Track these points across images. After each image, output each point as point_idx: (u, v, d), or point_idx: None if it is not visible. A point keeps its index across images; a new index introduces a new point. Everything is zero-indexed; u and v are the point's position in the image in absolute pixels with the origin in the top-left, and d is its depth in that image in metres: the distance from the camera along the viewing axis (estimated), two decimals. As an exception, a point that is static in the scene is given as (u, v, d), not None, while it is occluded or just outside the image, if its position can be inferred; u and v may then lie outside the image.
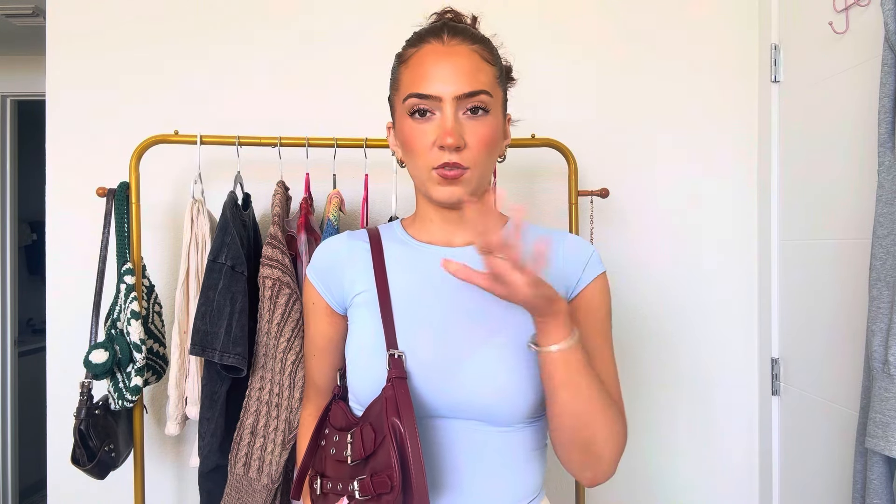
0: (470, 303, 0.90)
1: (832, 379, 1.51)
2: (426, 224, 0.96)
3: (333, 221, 1.48)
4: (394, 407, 0.81)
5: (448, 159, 0.85)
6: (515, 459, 0.88)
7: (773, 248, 1.76)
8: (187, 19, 1.76)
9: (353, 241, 0.98)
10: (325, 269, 0.97)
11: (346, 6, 1.79)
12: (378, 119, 1.73)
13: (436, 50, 0.87)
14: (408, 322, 0.89)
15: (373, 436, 0.82)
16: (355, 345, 0.92)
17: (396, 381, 0.83)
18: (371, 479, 0.81)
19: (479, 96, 0.86)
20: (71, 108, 1.74)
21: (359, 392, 0.89)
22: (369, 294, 0.92)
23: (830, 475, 1.51)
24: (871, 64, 1.35)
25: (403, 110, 0.89)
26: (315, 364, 1.02)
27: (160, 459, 1.73)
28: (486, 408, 0.85)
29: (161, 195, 1.73)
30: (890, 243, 1.16)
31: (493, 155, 0.90)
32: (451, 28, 0.89)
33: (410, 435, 0.78)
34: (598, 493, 1.79)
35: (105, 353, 1.38)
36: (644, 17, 1.83)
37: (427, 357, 0.87)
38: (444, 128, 0.85)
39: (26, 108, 3.34)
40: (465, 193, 0.88)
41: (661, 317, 1.83)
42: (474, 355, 0.86)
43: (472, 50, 0.88)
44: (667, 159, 1.83)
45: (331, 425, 0.93)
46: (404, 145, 0.90)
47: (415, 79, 0.87)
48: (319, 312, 0.98)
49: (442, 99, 0.85)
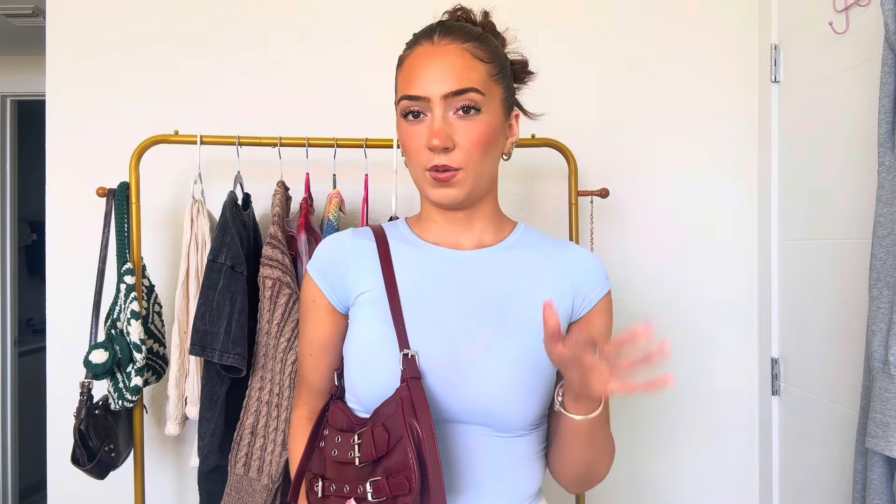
0: (481, 306, 0.89)
1: (832, 379, 1.51)
2: (430, 224, 0.95)
3: (333, 221, 1.48)
4: (410, 407, 0.79)
5: (437, 161, 0.84)
6: (517, 464, 0.88)
7: (773, 248, 1.76)
8: (187, 19, 1.76)
9: (358, 239, 0.96)
10: (328, 266, 0.95)
11: (346, 6, 1.79)
12: (378, 119, 1.74)
13: (425, 51, 0.87)
14: (418, 323, 0.87)
15: (386, 437, 0.80)
16: (359, 344, 0.90)
17: (412, 381, 0.81)
18: (387, 481, 0.79)
19: (468, 94, 0.84)
20: (71, 108, 1.74)
21: (363, 392, 0.88)
22: (375, 293, 0.91)
23: (830, 475, 1.51)
24: (871, 64, 1.35)
25: (399, 112, 0.89)
26: (312, 364, 0.99)
27: (160, 459, 1.73)
28: (492, 414, 0.85)
29: (161, 195, 1.73)
30: (890, 243, 1.16)
31: (490, 154, 0.88)
32: (444, 28, 0.89)
33: (428, 436, 0.77)
34: (598, 494, 1.79)
35: (105, 353, 1.38)
36: (644, 17, 1.83)
37: (438, 359, 0.85)
38: (432, 129, 0.84)
39: (26, 108, 3.34)
40: (459, 195, 0.87)
41: (660, 317, 1.83)
42: (484, 360, 0.85)
43: (463, 49, 0.86)
44: (667, 159, 1.83)
45: (330, 426, 0.91)
46: (402, 147, 0.90)
47: (405, 81, 0.88)
48: (320, 311, 0.96)
49: (430, 99, 0.85)
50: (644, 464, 1.83)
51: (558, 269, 0.93)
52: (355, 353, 0.90)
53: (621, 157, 1.82)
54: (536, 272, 0.93)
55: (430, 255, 0.93)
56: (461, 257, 0.92)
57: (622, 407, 1.80)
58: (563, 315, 0.92)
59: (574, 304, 0.93)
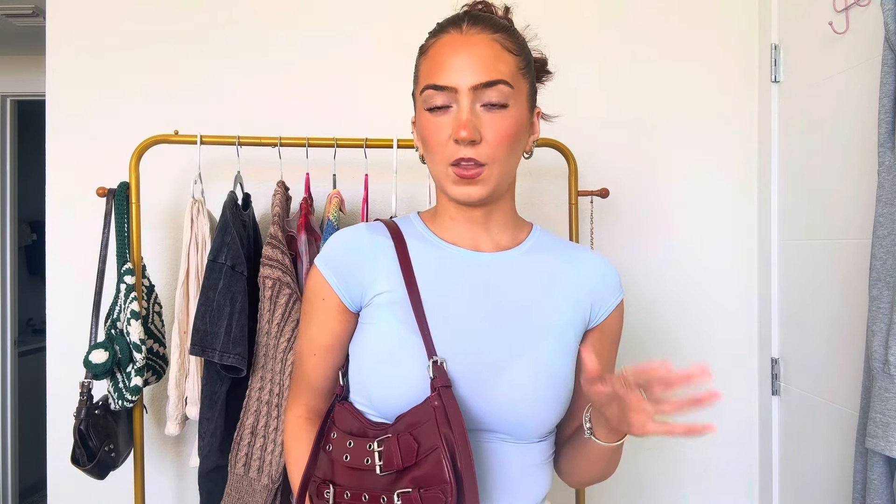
0: (504, 313, 0.87)
1: (832, 379, 1.51)
2: (447, 221, 0.91)
3: (333, 221, 1.48)
4: (444, 418, 0.76)
5: (463, 154, 0.81)
6: (529, 470, 0.88)
7: (773, 248, 1.76)
8: (187, 19, 1.76)
9: (374, 236, 0.90)
10: (343, 263, 0.89)
11: (346, 6, 1.79)
12: (378, 119, 1.74)
13: (454, 40, 0.83)
14: (442, 328, 0.84)
15: (415, 447, 0.76)
16: (378, 348, 0.86)
17: (443, 390, 0.78)
18: (420, 494, 0.75)
19: (498, 86, 0.81)
20: (71, 108, 1.74)
21: (382, 397, 0.83)
22: (394, 295, 0.86)
23: (830, 475, 1.51)
24: (871, 64, 1.35)
25: (421, 103, 0.85)
26: (314, 363, 0.93)
27: (160, 459, 1.73)
28: (516, 423, 0.84)
29: (161, 195, 1.73)
30: (890, 243, 1.16)
31: (515, 151, 0.85)
32: (472, 17, 0.85)
33: (463, 449, 0.74)
34: (598, 493, 1.79)
35: (105, 353, 1.38)
36: (644, 17, 1.83)
37: (463, 367, 0.83)
38: (459, 120, 0.80)
39: (26, 108, 3.34)
40: (483, 192, 0.83)
41: (660, 317, 1.83)
42: (509, 369, 0.84)
43: (493, 39, 0.83)
44: (667, 159, 1.83)
45: (338, 428, 0.86)
46: (422, 140, 0.86)
47: (431, 70, 0.84)
48: (330, 309, 0.90)
49: (458, 90, 0.81)
50: (644, 463, 1.83)
51: (576, 276, 0.93)
52: (373, 357, 0.86)
53: (621, 157, 1.82)
54: (555, 279, 0.91)
55: (450, 257, 0.89)
56: (481, 261, 0.90)
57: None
58: (580, 323, 0.92)
59: (592, 312, 0.93)
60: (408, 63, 1.75)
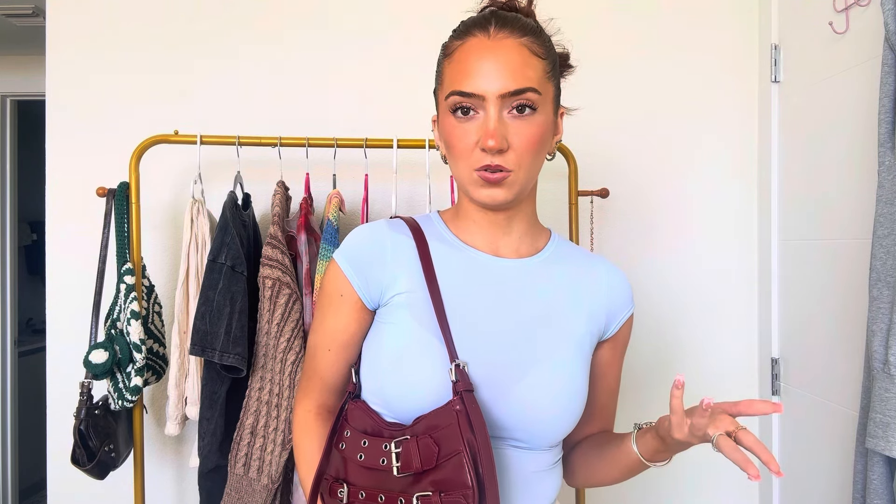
0: (524, 320, 0.87)
1: (832, 379, 1.51)
2: (469, 223, 0.90)
3: (333, 221, 1.48)
4: (467, 422, 0.75)
5: (490, 161, 0.80)
6: (539, 475, 0.88)
7: (773, 248, 1.76)
8: (187, 20, 1.76)
9: (396, 234, 0.89)
10: (366, 260, 0.87)
11: (346, 6, 1.79)
12: (378, 119, 1.74)
13: (481, 44, 0.81)
14: (463, 333, 0.83)
15: (436, 450, 0.76)
16: (396, 348, 0.84)
17: (466, 394, 0.77)
18: (440, 497, 0.75)
19: (526, 94, 0.80)
20: (71, 108, 1.74)
21: (399, 399, 0.82)
22: (415, 296, 0.85)
23: (830, 475, 1.51)
24: (871, 64, 1.35)
25: (446, 107, 0.84)
26: (329, 359, 0.92)
27: (160, 459, 1.73)
28: (533, 431, 0.84)
29: (161, 195, 1.73)
30: (890, 243, 1.16)
31: (541, 155, 0.84)
32: (499, 19, 0.83)
33: (486, 454, 0.74)
34: (598, 494, 1.79)
35: (105, 353, 1.38)
36: (644, 17, 1.83)
37: (484, 373, 0.82)
38: (487, 129, 0.79)
39: (26, 108, 3.34)
40: (508, 195, 0.82)
41: (661, 317, 1.83)
42: (528, 377, 0.84)
43: (521, 43, 0.81)
44: (667, 159, 1.83)
45: (351, 427, 0.85)
46: (446, 144, 0.85)
47: (457, 75, 0.82)
48: (349, 305, 0.88)
49: (485, 98, 0.79)
50: (644, 464, 1.83)
51: (592, 287, 0.93)
52: (391, 358, 0.84)
53: (621, 157, 1.82)
54: (573, 289, 0.91)
55: (472, 262, 0.89)
56: (503, 267, 0.89)
57: (622, 407, 1.80)
58: (596, 334, 0.92)
59: (606, 324, 0.93)
60: (408, 63, 1.76)
